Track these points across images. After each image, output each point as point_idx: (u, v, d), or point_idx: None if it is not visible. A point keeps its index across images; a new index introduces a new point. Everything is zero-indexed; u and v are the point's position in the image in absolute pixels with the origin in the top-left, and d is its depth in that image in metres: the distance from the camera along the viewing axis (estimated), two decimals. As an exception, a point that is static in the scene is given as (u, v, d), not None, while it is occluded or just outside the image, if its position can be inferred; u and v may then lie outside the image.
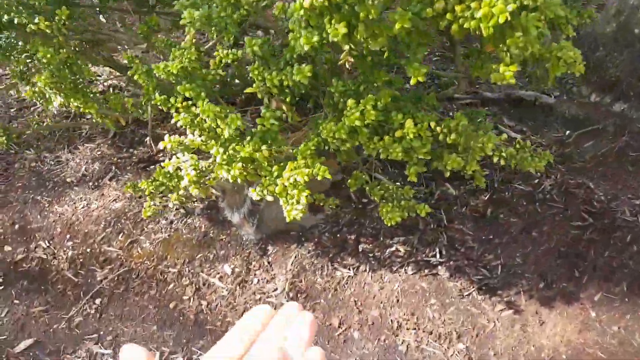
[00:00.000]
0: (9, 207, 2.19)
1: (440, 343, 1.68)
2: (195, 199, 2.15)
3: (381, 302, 1.79)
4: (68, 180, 2.29)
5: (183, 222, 2.09)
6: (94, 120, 1.85)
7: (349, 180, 1.59)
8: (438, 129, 1.33)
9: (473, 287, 1.79)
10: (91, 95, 1.79)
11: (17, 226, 2.11)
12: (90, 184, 2.27)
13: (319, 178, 1.29)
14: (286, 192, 1.30)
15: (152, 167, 2.30)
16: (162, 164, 1.57)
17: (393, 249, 1.91)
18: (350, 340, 1.71)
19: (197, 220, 2.09)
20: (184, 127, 1.40)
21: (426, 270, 1.85)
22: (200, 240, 2.02)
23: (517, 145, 1.45)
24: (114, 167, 2.31)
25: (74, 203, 2.19)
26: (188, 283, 1.90)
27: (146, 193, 1.62)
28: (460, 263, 1.86)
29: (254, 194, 1.40)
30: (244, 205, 1.86)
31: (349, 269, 1.88)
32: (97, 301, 1.87)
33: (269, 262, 1.94)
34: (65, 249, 2.02)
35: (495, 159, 1.41)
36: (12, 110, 2.67)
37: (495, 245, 1.89)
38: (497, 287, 1.79)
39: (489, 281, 1.80)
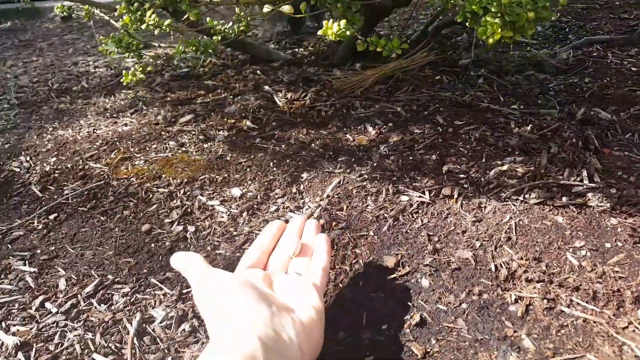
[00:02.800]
0: (11, 132, 1.79)
1: (599, 306, 0.81)
2: (219, 126, 1.60)
3: (477, 240, 0.99)
4: (87, 114, 1.88)
5: (197, 145, 1.51)
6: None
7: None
8: None
9: (661, 227, 0.94)
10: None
11: (7, 145, 1.69)
12: (108, 114, 1.83)
13: None
14: None
15: (184, 106, 1.83)
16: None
17: (504, 168, 1.13)
18: (415, 290, 0.91)
19: (216, 145, 1.51)
20: None
21: (564, 199, 1.03)
22: (212, 162, 1.41)
23: None
24: (140, 103, 1.88)
25: (80, 128, 1.74)
26: (178, 205, 1.26)
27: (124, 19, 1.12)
28: (631, 191, 1.02)
29: None
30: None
31: (423, 192, 1.13)
32: (52, 217, 1.28)
33: (298, 190, 1.26)
34: (44, 164, 1.52)
35: None
36: (71, 75, 2.43)
37: (698, 176, 1.05)
38: None
39: (695, 220, 0.94)
